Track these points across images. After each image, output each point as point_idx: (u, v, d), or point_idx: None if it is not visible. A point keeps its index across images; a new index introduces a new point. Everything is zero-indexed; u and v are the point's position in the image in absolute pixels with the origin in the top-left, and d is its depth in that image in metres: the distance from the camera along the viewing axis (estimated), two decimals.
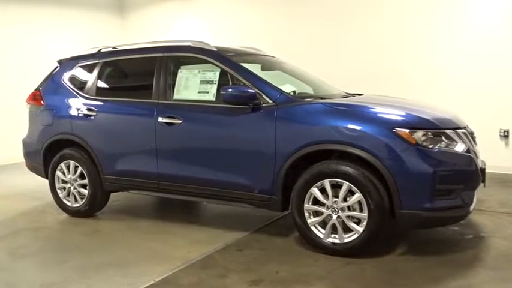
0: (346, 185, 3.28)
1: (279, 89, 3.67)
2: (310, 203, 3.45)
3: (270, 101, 3.60)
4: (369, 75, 6.70)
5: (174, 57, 4.18)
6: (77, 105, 4.51)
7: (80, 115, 4.47)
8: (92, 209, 4.56)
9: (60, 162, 4.65)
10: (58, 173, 4.68)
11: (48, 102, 4.76)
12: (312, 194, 3.42)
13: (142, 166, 4.17)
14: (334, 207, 3.35)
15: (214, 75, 3.89)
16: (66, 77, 4.75)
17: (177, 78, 4.07)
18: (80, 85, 4.64)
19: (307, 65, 5.05)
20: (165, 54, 4.18)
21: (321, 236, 3.42)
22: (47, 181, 4.85)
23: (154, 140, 4.03)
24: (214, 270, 3.24)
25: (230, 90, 3.59)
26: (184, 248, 3.69)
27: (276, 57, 4.81)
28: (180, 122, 3.90)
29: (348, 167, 3.27)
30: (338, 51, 7.10)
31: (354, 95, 4.28)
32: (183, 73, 4.07)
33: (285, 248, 3.63)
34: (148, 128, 4.07)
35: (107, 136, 4.34)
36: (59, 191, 4.71)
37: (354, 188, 3.26)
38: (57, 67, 4.91)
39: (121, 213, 4.75)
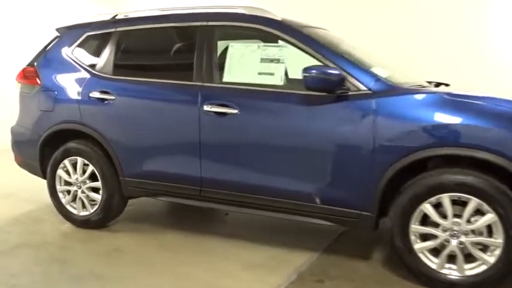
0: (474, 202, 2.49)
1: (374, 73, 2.81)
2: (418, 223, 2.64)
3: (362, 88, 2.74)
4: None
5: (223, 28, 3.23)
6: (88, 86, 3.50)
7: (92, 99, 3.46)
8: (106, 218, 3.60)
9: (63, 159, 3.64)
10: (60, 172, 3.67)
11: (46, 82, 3.71)
12: (422, 211, 2.61)
13: (179, 167, 3.24)
14: (454, 230, 2.56)
15: (281, 51, 2.99)
16: (70, 49, 3.70)
17: (228, 55, 3.13)
18: (91, 60, 3.62)
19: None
20: (210, 23, 3.22)
21: (433, 266, 2.63)
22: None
23: (198, 133, 3.10)
24: None
25: (314, 72, 2.71)
26: (242, 277, 2.83)
27: (330, 31, 3.91)
28: (236, 111, 2.98)
29: (477, 179, 2.47)
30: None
31: (439, 84, 3.44)
32: (236, 48, 3.14)
33: (376, 277, 2.83)
34: (189, 118, 3.13)
35: (130, 127, 3.37)
36: (61, 194, 3.71)
37: (486, 207, 2.47)
38: (57, 37, 3.85)
39: (139, 222, 3.80)
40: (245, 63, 3.09)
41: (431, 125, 2.54)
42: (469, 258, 2.57)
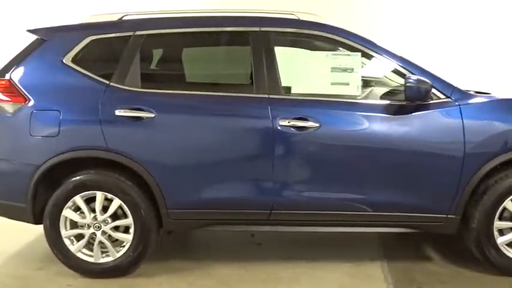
0: None
1: (449, 82, 2.93)
2: (498, 220, 2.87)
3: (442, 97, 2.85)
4: None
5: (278, 34, 2.97)
6: (110, 103, 2.82)
7: (120, 118, 2.81)
8: (138, 260, 2.94)
9: (72, 196, 2.86)
10: (68, 213, 2.88)
11: (39, 99, 2.86)
12: (503, 208, 2.84)
13: (246, 191, 2.85)
14: None
15: (353, 61, 2.89)
16: (68, 56, 2.93)
17: (294, 64, 2.89)
18: (102, 70, 2.93)
19: None
20: (263, 29, 2.92)
21: None
22: None
23: (272, 152, 2.79)
24: None
25: (413, 81, 2.70)
26: None
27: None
28: (318, 125, 2.78)
29: None
30: None
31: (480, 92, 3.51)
32: (302, 57, 2.92)
33: (459, 276, 2.96)
34: (258, 134, 2.81)
35: (179, 150, 2.83)
36: (67, 241, 2.91)
37: None
38: (40, 41, 3.00)
39: (174, 259, 3.20)
40: (313, 73, 2.90)
41: None
42: None
